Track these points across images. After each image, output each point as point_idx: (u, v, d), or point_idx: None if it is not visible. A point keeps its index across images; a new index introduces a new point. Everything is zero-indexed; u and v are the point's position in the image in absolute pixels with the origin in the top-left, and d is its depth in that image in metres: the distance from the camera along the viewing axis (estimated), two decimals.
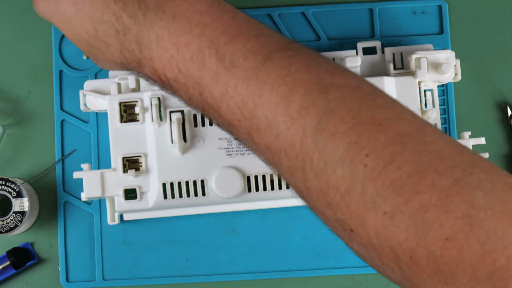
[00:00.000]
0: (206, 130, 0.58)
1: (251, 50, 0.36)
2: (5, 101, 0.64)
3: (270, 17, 0.65)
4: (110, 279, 0.62)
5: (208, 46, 0.36)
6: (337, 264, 0.63)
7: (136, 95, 0.58)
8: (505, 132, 0.64)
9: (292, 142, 0.34)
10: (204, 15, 0.37)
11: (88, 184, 0.57)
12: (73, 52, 0.64)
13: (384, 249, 0.33)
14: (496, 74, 0.65)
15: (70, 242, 0.63)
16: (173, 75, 0.37)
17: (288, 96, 0.34)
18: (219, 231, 0.63)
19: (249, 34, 0.36)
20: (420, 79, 0.59)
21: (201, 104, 0.38)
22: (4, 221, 0.60)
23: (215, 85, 0.36)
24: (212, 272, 0.63)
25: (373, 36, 0.65)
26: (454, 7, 0.65)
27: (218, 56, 0.36)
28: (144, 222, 0.62)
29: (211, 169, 0.57)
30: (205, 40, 0.36)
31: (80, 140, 0.63)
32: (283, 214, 0.63)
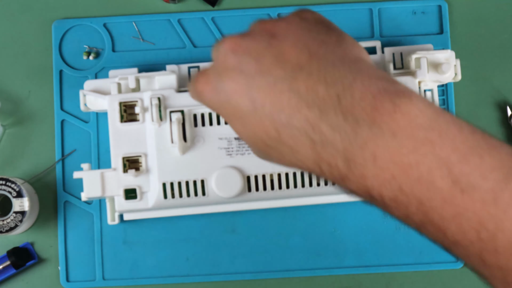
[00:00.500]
0: (206, 130, 0.58)
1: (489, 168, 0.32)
2: (5, 101, 0.64)
3: (270, 17, 0.65)
4: (110, 279, 0.62)
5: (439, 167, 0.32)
6: (337, 264, 0.63)
7: (136, 95, 0.58)
8: (505, 132, 0.64)
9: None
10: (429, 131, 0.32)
11: (88, 184, 0.57)
12: (73, 52, 0.64)
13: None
14: (496, 74, 0.65)
15: (70, 242, 0.63)
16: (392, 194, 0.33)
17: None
18: (219, 231, 0.63)
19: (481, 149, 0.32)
20: (420, 79, 0.59)
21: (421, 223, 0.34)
22: (4, 221, 0.60)
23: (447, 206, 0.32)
24: (212, 272, 0.63)
25: (373, 36, 0.65)
26: (454, 7, 0.65)
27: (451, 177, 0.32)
28: (144, 222, 0.62)
29: (211, 169, 0.57)
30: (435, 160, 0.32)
31: (80, 140, 0.63)
32: (283, 214, 0.63)
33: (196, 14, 0.65)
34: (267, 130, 0.35)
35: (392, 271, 0.63)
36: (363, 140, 0.32)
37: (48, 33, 0.64)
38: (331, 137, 0.33)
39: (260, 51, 0.35)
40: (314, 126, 0.33)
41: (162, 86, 0.59)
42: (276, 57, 0.35)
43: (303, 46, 0.35)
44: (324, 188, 0.58)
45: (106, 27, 0.64)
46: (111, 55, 0.64)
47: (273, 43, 0.35)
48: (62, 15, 0.65)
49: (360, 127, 0.32)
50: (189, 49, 0.64)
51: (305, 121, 0.33)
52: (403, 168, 0.32)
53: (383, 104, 0.32)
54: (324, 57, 0.34)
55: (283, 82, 0.34)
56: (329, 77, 0.33)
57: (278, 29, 0.36)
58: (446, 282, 0.63)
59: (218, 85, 0.36)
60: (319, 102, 0.33)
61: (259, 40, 0.36)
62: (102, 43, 0.64)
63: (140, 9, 0.65)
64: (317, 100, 0.33)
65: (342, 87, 0.33)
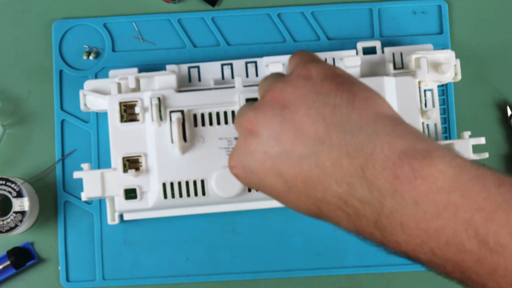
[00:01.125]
0: (206, 130, 0.58)
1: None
2: (5, 101, 0.64)
3: (269, 17, 0.65)
4: (110, 279, 0.62)
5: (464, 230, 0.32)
6: (337, 264, 0.63)
7: (136, 95, 0.58)
8: (505, 132, 0.64)
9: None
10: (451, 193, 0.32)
11: (88, 184, 0.57)
12: (73, 52, 0.64)
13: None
14: (496, 74, 0.65)
15: (70, 242, 0.63)
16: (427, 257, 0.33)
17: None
18: (219, 231, 0.63)
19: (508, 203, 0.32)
20: (420, 79, 0.59)
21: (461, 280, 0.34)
22: (4, 221, 0.60)
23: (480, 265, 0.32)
24: (212, 272, 0.63)
25: (373, 36, 0.65)
26: (454, 7, 0.65)
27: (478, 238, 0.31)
28: (144, 222, 0.62)
29: (211, 169, 0.57)
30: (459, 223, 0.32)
31: (80, 140, 0.63)
32: (283, 214, 0.63)
33: (196, 14, 0.65)
34: (308, 207, 0.36)
35: (392, 271, 0.63)
36: (389, 211, 0.32)
37: (48, 33, 0.64)
38: (362, 210, 0.33)
39: (276, 128, 0.35)
40: (346, 201, 0.34)
41: (162, 86, 0.59)
42: (294, 132, 0.35)
43: (317, 115, 0.34)
44: None
45: (106, 27, 0.64)
46: (111, 55, 0.64)
47: (286, 116, 0.35)
48: (62, 15, 0.65)
49: (384, 198, 0.32)
50: (189, 49, 0.64)
51: (337, 198, 0.34)
52: (430, 234, 0.32)
53: (403, 171, 0.32)
54: (341, 126, 0.34)
55: (308, 159, 0.34)
56: (351, 148, 0.33)
57: (286, 98, 0.36)
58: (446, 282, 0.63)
59: (247, 167, 0.37)
60: (345, 176, 0.33)
61: (271, 114, 0.36)
62: (102, 43, 0.64)
63: (140, 9, 0.65)
64: (343, 174, 0.33)
65: (364, 158, 0.33)
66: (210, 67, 0.62)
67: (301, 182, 0.35)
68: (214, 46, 0.64)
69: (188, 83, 0.62)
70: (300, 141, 0.34)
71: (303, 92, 0.35)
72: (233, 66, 0.62)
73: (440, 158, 0.32)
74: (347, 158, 0.33)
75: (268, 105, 0.36)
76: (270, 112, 0.36)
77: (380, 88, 0.58)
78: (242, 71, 0.62)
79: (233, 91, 0.58)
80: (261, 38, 0.65)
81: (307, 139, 0.34)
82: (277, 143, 0.35)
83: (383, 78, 0.58)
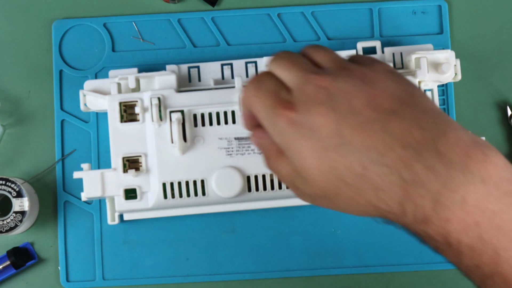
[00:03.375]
0: (206, 130, 0.58)
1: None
2: (5, 101, 0.64)
3: (269, 17, 0.65)
4: (110, 279, 0.62)
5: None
6: (337, 264, 0.63)
7: (136, 95, 0.58)
8: (505, 132, 0.64)
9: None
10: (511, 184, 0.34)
11: (88, 184, 0.57)
12: (73, 52, 0.64)
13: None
14: (496, 74, 0.65)
15: (70, 242, 0.63)
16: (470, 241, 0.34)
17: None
18: (219, 231, 0.63)
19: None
20: (420, 79, 0.59)
21: (490, 274, 0.34)
22: (4, 221, 0.60)
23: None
24: (212, 272, 0.63)
25: (373, 36, 0.65)
26: (454, 7, 0.65)
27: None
28: (144, 222, 0.62)
29: (211, 169, 0.57)
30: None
31: (80, 140, 0.63)
32: (283, 214, 0.63)
33: (196, 14, 0.65)
34: (351, 166, 0.35)
35: (392, 271, 0.63)
36: (455, 183, 0.33)
37: (48, 33, 0.64)
38: (424, 177, 0.34)
39: (352, 93, 0.36)
40: (407, 165, 0.34)
41: (162, 86, 0.59)
42: (368, 101, 0.36)
43: (394, 94, 0.36)
44: None
45: (106, 27, 0.64)
46: (111, 55, 0.64)
47: (364, 88, 0.36)
48: (62, 15, 0.65)
49: (454, 170, 0.34)
50: (189, 49, 0.64)
51: (398, 160, 0.34)
52: (487, 215, 0.33)
53: (476, 152, 0.34)
54: (415, 105, 0.36)
55: (376, 123, 0.35)
56: (424, 123, 0.35)
57: (366, 76, 0.37)
58: (446, 282, 0.63)
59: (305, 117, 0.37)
60: (414, 143, 0.34)
61: (350, 83, 0.37)
62: (102, 43, 0.64)
63: (140, 9, 0.65)
64: (412, 141, 0.34)
65: (437, 132, 0.35)
66: (210, 67, 0.62)
67: (360, 140, 0.35)
68: (214, 46, 0.64)
69: (188, 83, 0.62)
70: (372, 108, 0.36)
71: (383, 76, 0.38)
72: (233, 66, 0.62)
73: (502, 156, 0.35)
74: (419, 130, 0.34)
75: (348, 75, 0.37)
76: (350, 80, 0.37)
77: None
78: (242, 71, 0.62)
79: (233, 91, 0.58)
80: (261, 38, 0.65)
81: (380, 108, 0.36)
82: (349, 104, 0.36)
83: None
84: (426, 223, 0.34)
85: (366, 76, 0.37)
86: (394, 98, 0.36)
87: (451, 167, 0.34)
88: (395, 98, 0.36)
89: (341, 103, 0.36)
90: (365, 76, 0.37)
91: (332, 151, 0.36)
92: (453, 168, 0.34)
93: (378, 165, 0.34)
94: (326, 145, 0.36)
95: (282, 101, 0.38)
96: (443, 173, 0.34)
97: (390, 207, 0.35)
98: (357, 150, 0.35)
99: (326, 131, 0.36)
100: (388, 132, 0.35)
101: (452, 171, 0.34)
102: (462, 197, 0.33)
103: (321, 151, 0.36)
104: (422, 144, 0.34)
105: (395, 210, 0.35)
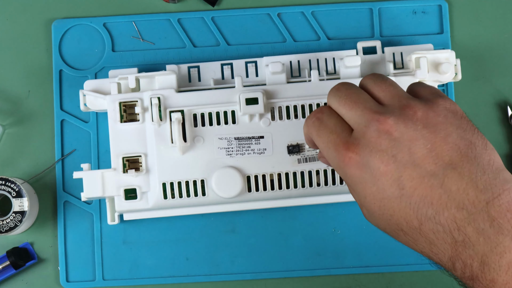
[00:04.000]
0: (206, 130, 0.58)
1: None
2: (5, 101, 0.64)
3: (269, 17, 0.65)
4: (110, 279, 0.62)
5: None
6: (337, 264, 0.63)
7: (136, 95, 0.58)
8: (505, 132, 0.64)
9: None
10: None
11: (88, 184, 0.57)
12: (73, 52, 0.64)
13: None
14: (496, 74, 0.65)
15: (70, 242, 0.63)
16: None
17: None
18: (219, 231, 0.63)
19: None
20: (420, 79, 0.59)
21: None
22: (4, 221, 0.60)
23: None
24: (212, 272, 0.63)
25: (373, 36, 0.65)
26: (454, 7, 0.65)
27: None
28: (144, 222, 0.62)
29: (211, 169, 0.57)
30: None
31: (80, 140, 0.63)
32: (283, 214, 0.63)
33: (196, 14, 0.65)
34: (409, 219, 0.37)
35: (392, 271, 0.63)
36: (503, 248, 0.35)
37: (48, 33, 0.64)
38: (474, 239, 0.35)
39: (413, 140, 0.37)
40: (460, 227, 0.36)
41: (162, 86, 0.59)
42: (429, 151, 0.37)
43: (454, 144, 0.37)
44: (324, 188, 0.58)
45: (106, 27, 0.64)
46: (111, 55, 0.64)
47: (425, 135, 0.37)
48: (62, 15, 0.65)
49: (503, 236, 0.35)
50: (189, 49, 0.64)
51: (452, 221, 0.36)
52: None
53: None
54: (474, 160, 0.37)
55: (435, 178, 0.36)
56: (480, 183, 0.36)
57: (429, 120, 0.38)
58: (446, 282, 0.63)
59: (366, 161, 0.38)
60: (468, 205, 0.36)
61: (412, 128, 0.38)
62: (102, 43, 0.64)
63: (140, 9, 0.65)
64: (467, 202, 0.36)
65: (492, 195, 0.36)
66: (210, 67, 0.62)
67: (418, 195, 0.37)
68: (214, 46, 0.64)
69: (188, 83, 0.62)
70: (432, 160, 0.37)
71: (445, 121, 0.38)
72: (233, 66, 0.62)
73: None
74: (475, 190, 0.36)
75: (409, 118, 0.38)
76: (411, 125, 0.38)
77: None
78: (242, 71, 0.62)
79: (233, 91, 0.58)
80: (261, 38, 0.65)
81: (440, 160, 0.37)
82: (410, 153, 0.37)
83: None
84: (473, 280, 0.36)
85: (428, 120, 0.38)
86: (454, 149, 0.37)
87: (501, 232, 0.35)
88: (455, 149, 0.37)
89: (402, 152, 0.37)
90: (427, 119, 0.38)
91: (393, 201, 0.37)
92: (502, 233, 0.35)
93: (433, 223, 0.36)
94: (387, 195, 0.37)
95: (343, 141, 0.39)
96: (492, 238, 0.35)
97: (441, 260, 0.37)
98: (416, 204, 0.37)
99: (387, 180, 0.37)
100: (445, 189, 0.36)
101: (501, 236, 0.35)
102: (508, 262, 0.35)
103: (382, 200, 0.38)
104: (475, 206, 0.35)
105: (445, 264, 0.37)
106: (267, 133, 0.58)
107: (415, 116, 0.38)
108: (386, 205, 0.38)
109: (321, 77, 0.60)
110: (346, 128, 0.40)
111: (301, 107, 0.58)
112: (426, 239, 0.37)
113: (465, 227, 0.35)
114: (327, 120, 0.41)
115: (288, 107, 0.58)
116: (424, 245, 0.38)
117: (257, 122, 0.58)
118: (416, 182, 0.37)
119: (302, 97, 0.58)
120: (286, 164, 0.58)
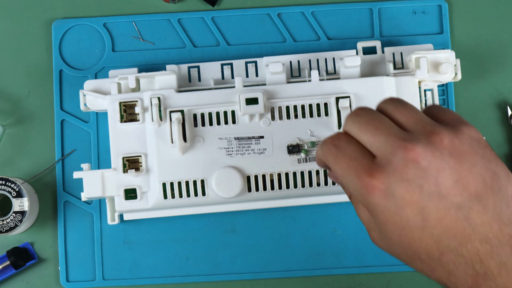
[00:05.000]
0: (206, 130, 0.58)
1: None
2: (5, 101, 0.64)
3: (269, 17, 0.65)
4: (110, 279, 0.62)
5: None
6: (337, 264, 0.63)
7: (136, 95, 0.58)
8: (505, 132, 0.64)
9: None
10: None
11: (88, 184, 0.57)
12: (73, 52, 0.64)
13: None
14: (496, 74, 0.65)
15: (70, 242, 0.63)
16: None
17: None
18: (219, 231, 0.63)
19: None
20: (420, 78, 0.59)
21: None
22: (4, 221, 0.60)
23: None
24: (212, 272, 0.63)
25: (373, 36, 0.65)
26: (454, 7, 0.65)
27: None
28: (144, 222, 0.62)
29: (211, 169, 0.57)
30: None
31: (80, 140, 0.63)
32: (283, 214, 0.63)
33: (196, 14, 0.65)
34: (429, 250, 0.37)
35: (392, 271, 0.63)
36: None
37: (48, 33, 0.64)
38: (495, 272, 0.36)
39: (440, 171, 0.37)
40: (483, 259, 0.36)
41: (162, 86, 0.59)
42: (455, 182, 0.36)
43: (479, 175, 0.37)
44: (324, 188, 0.58)
45: (106, 27, 0.64)
46: (111, 55, 0.64)
47: (452, 165, 0.37)
48: (62, 15, 0.65)
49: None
50: (189, 49, 0.64)
51: (475, 254, 0.36)
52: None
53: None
54: (499, 192, 0.37)
55: (460, 211, 0.36)
56: (504, 216, 0.36)
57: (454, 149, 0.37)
58: None
59: (391, 191, 0.37)
60: (492, 238, 0.36)
61: (439, 157, 0.37)
62: (102, 43, 0.64)
63: (140, 9, 0.65)
64: (490, 236, 0.36)
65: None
66: (210, 67, 0.62)
67: (442, 227, 0.36)
68: (214, 46, 0.64)
69: (188, 83, 0.62)
70: (458, 191, 0.36)
71: (470, 150, 0.38)
72: (233, 66, 0.62)
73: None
74: (499, 224, 0.36)
75: (436, 147, 0.37)
76: (438, 154, 0.37)
77: (380, 88, 0.58)
78: (242, 71, 0.62)
79: (233, 91, 0.58)
80: (261, 38, 0.65)
81: (465, 192, 0.36)
82: (436, 184, 0.37)
83: (383, 78, 0.58)
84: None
85: (454, 148, 0.37)
86: (480, 181, 0.37)
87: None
88: (480, 180, 0.37)
89: (429, 182, 0.36)
90: (453, 148, 0.37)
91: (414, 231, 0.37)
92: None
93: (455, 255, 0.36)
94: (409, 225, 0.37)
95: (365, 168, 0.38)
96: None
97: (454, 285, 0.37)
98: (438, 236, 0.36)
99: (412, 211, 0.37)
100: (470, 222, 0.36)
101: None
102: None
103: (403, 229, 0.37)
104: (499, 239, 0.36)
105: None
106: (267, 133, 0.58)
107: (442, 144, 0.37)
108: (408, 234, 0.37)
109: (321, 77, 0.60)
110: (367, 155, 0.39)
111: (301, 107, 0.58)
112: (445, 269, 0.37)
113: (488, 260, 0.36)
114: (345, 146, 0.39)
115: (288, 107, 0.58)
116: (442, 275, 0.37)
117: (257, 122, 0.58)
118: (441, 214, 0.36)
119: (302, 97, 0.58)
120: (286, 164, 0.58)
